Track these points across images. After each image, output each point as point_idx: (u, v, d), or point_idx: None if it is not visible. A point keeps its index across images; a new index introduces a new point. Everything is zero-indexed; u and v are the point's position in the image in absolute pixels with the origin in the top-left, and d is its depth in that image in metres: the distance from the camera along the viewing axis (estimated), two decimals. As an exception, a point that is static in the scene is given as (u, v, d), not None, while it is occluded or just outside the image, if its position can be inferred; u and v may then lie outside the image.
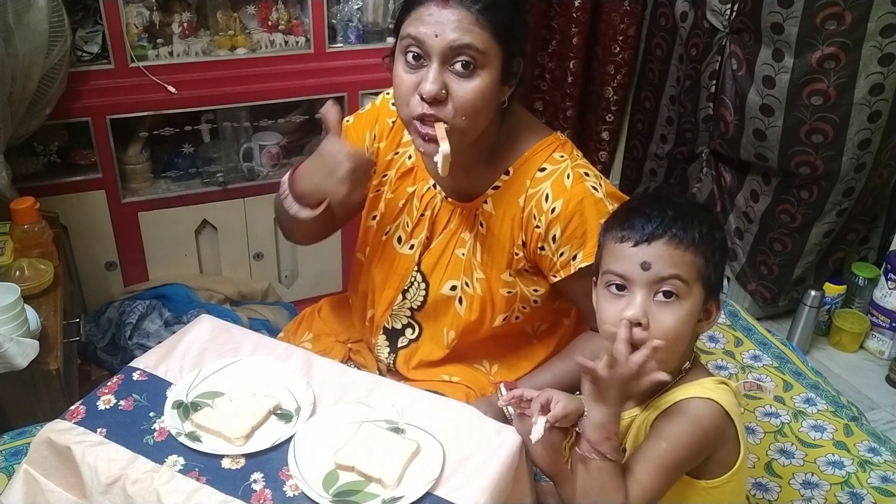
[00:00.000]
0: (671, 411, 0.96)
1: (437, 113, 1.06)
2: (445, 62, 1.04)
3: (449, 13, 1.03)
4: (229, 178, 2.14)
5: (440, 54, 1.04)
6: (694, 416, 0.94)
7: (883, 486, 1.35)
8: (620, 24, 2.55)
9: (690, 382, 0.98)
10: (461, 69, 1.04)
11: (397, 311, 1.32)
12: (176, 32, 1.96)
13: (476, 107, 1.07)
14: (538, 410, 1.04)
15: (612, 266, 0.96)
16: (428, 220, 1.26)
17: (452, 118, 1.06)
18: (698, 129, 2.41)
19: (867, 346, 2.37)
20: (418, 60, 1.06)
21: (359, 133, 1.32)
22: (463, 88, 1.05)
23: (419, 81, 1.05)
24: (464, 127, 1.08)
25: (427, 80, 1.04)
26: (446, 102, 1.06)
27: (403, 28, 1.07)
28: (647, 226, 0.94)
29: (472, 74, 1.05)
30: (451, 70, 1.05)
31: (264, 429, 1.06)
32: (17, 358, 1.34)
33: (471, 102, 1.06)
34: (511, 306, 1.25)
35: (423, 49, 1.04)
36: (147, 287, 2.16)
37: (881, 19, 1.89)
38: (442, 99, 1.05)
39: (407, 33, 1.06)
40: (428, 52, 1.04)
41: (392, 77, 1.11)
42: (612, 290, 0.96)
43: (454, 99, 1.05)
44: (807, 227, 2.22)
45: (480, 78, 1.05)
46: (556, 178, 1.16)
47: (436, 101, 1.05)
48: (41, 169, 1.99)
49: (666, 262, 0.93)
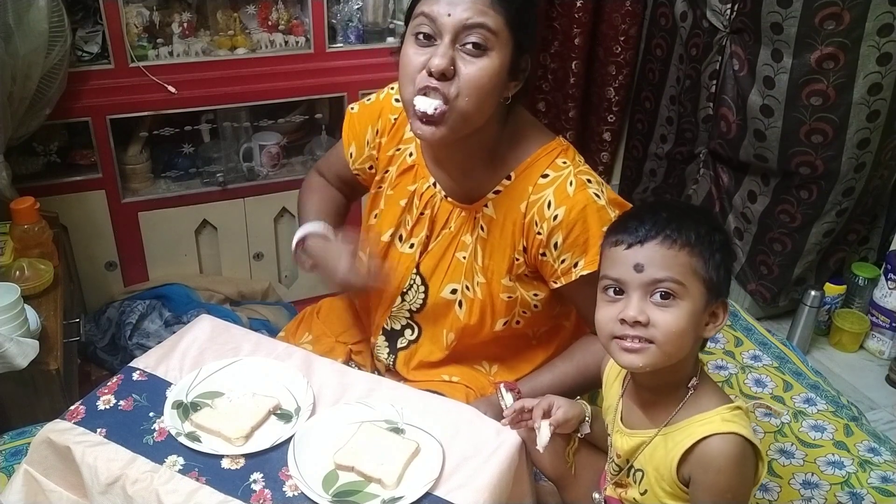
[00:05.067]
0: (707, 461, 0.92)
1: (442, 88, 1.05)
2: (456, 40, 1.05)
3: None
4: (229, 178, 2.14)
5: (452, 31, 1.04)
6: (734, 460, 0.91)
7: (883, 486, 1.35)
8: (622, 25, 2.55)
9: (707, 411, 0.95)
10: (472, 48, 1.05)
11: (396, 312, 1.32)
12: (176, 32, 1.96)
13: (482, 88, 1.06)
14: (540, 416, 1.04)
15: (608, 270, 0.96)
16: (428, 218, 1.26)
17: (456, 98, 1.06)
18: (698, 129, 2.41)
19: (867, 346, 2.37)
20: (429, 39, 1.06)
21: (362, 125, 1.32)
22: (471, 67, 1.05)
23: (427, 60, 1.05)
24: (465, 110, 1.07)
25: (437, 55, 1.04)
26: (452, 81, 1.05)
27: (417, 7, 1.08)
28: (640, 228, 0.93)
29: (482, 55, 1.05)
30: (461, 49, 1.05)
31: (264, 429, 1.06)
32: (17, 358, 1.34)
33: (477, 82, 1.06)
34: (511, 311, 1.25)
35: (434, 27, 1.05)
36: (147, 287, 2.16)
37: (879, 19, 1.89)
38: (450, 76, 1.05)
39: (420, 11, 1.06)
40: (440, 29, 1.05)
41: (399, 59, 1.11)
42: (608, 294, 0.95)
43: (461, 78, 1.05)
44: (806, 227, 2.22)
45: (489, 59, 1.06)
46: (559, 184, 1.16)
47: (443, 77, 1.05)
48: (41, 169, 1.99)
49: (659, 264, 0.91)
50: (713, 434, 0.92)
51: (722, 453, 0.91)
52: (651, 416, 1.00)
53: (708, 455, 0.92)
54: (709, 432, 0.92)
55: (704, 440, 0.92)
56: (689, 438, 0.93)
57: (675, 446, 0.94)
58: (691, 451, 0.93)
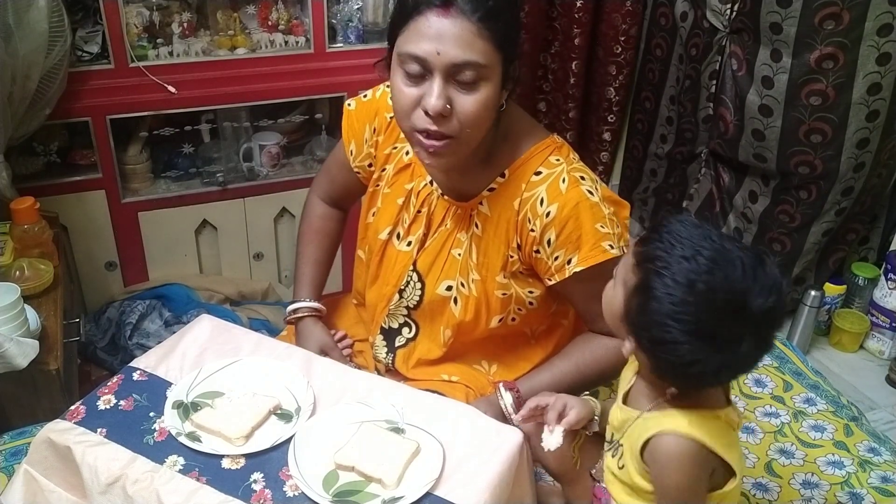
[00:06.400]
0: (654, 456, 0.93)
1: (442, 128, 1.05)
2: (448, 76, 1.03)
3: (450, 24, 1.01)
4: (229, 178, 2.14)
5: (443, 70, 1.03)
6: (677, 461, 0.91)
7: (883, 486, 1.35)
8: (622, 25, 2.54)
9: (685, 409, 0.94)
10: (465, 82, 1.04)
11: (394, 310, 1.32)
12: (176, 32, 1.96)
13: (480, 118, 1.07)
14: (555, 420, 1.05)
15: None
16: (424, 216, 1.26)
17: (459, 132, 1.06)
18: (698, 129, 2.41)
19: (867, 346, 2.37)
20: (420, 76, 1.05)
21: (360, 123, 1.32)
22: (467, 102, 1.05)
23: (421, 95, 1.05)
24: (468, 139, 1.08)
25: (432, 95, 1.03)
26: (451, 117, 1.05)
27: (402, 43, 1.05)
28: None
29: (476, 87, 1.05)
30: (454, 82, 1.04)
31: (264, 429, 1.06)
32: (17, 358, 1.34)
33: (476, 115, 1.06)
34: (506, 308, 1.25)
35: (425, 66, 1.03)
36: (147, 287, 2.16)
37: (878, 19, 1.89)
38: (447, 114, 1.05)
39: (407, 52, 1.04)
40: (430, 68, 1.03)
41: (390, 86, 1.10)
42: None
43: (458, 113, 1.05)
44: (806, 226, 2.22)
45: (484, 90, 1.05)
46: (552, 182, 1.16)
47: (440, 117, 1.04)
48: (41, 169, 1.99)
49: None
50: (667, 432, 0.92)
51: (665, 452, 0.92)
52: (646, 398, 0.99)
53: (656, 451, 0.93)
54: (667, 429, 0.92)
55: (658, 435, 0.93)
56: (648, 431, 0.94)
57: (643, 432, 0.95)
58: (649, 441, 0.94)
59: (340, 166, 1.39)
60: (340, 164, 1.39)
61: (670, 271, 0.86)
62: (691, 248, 0.87)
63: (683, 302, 0.85)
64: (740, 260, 0.86)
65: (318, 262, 1.46)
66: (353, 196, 1.45)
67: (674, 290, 0.85)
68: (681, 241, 0.88)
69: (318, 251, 1.46)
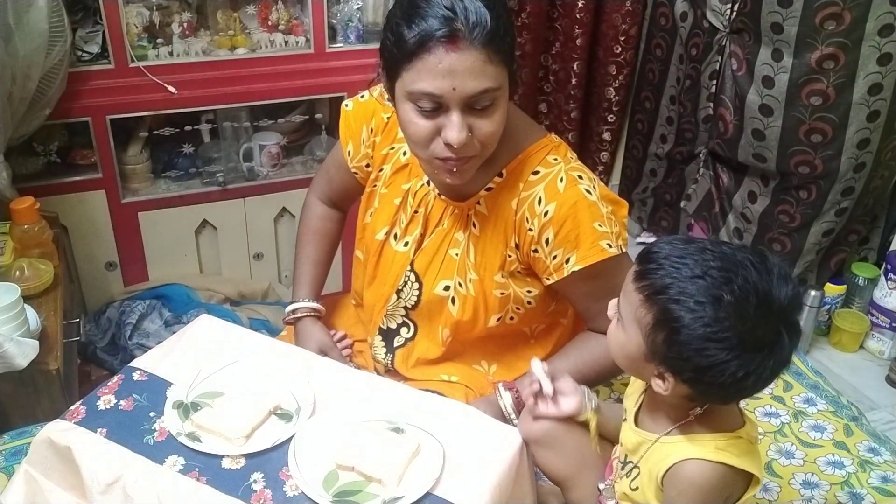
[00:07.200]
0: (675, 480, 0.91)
1: (465, 154, 1.06)
2: (466, 108, 1.03)
3: (459, 58, 0.99)
4: (229, 178, 2.14)
5: (460, 103, 1.02)
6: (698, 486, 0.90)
7: (883, 486, 1.35)
8: (622, 25, 2.54)
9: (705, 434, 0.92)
10: (482, 108, 1.04)
11: (392, 310, 1.32)
12: (176, 32, 1.96)
13: (499, 133, 1.08)
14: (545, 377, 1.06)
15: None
16: (422, 216, 1.26)
17: (480, 151, 1.08)
18: (698, 129, 2.41)
19: (867, 346, 2.36)
20: (434, 108, 1.04)
21: (357, 123, 1.32)
22: (486, 125, 1.05)
23: (437, 126, 1.04)
24: (487, 154, 1.10)
25: (454, 130, 1.03)
26: (472, 141, 1.06)
27: (410, 80, 1.02)
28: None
29: (493, 109, 1.05)
30: (472, 110, 1.04)
31: (264, 429, 1.06)
32: (17, 358, 1.34)
33: (495, 133, 1.07)
34: (504, 307, 1.25)
35: (441, 101, 1.02)
36: (147, 287, 2.16)
37: (879, 19, 1.89)
38: (469, 142, 1.05)
39: (420, 90, 1.02)
40: (447, 103, 1.02)
41: (398, 117, 1.09)
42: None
43: (478, 135, 1.06)
44: (806, 226, 2.22)
45: (499, 108, 1.06)
46: (550, 181, 1.16)
47: (462, 145, 1.04)
48: (41, 169, 1.99)
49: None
50: (694, 458, 0.91)
51: (690, 479, 0.91)
52: (664, 420, 0.98)
53: (680, 476, 0.92)
54: (694, 456, 0.91)
55: (684, 462, 0.91)
56: (670, 457, 0.92)
57: (664, 458, 0.94)
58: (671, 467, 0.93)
59: (338, 167, 1.39)
60: (338, 164, 1.39)
61: (688, 295, 0.83)
62: (697, 265, 0.84)
63: (716, 320, 0.82)
64: (748, 259, 0.85)
65: (316, 262, 1.46)
66: (351, 196, 1.45)
67: (701, 311, 0.82)
68: (682, 261, 0.85)
69: (316, 252, 1.47)
